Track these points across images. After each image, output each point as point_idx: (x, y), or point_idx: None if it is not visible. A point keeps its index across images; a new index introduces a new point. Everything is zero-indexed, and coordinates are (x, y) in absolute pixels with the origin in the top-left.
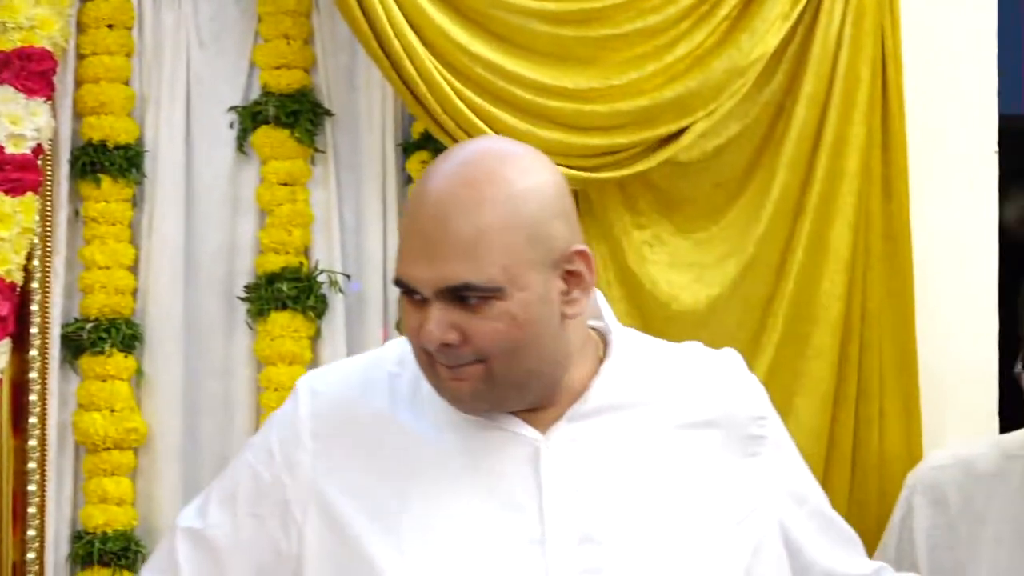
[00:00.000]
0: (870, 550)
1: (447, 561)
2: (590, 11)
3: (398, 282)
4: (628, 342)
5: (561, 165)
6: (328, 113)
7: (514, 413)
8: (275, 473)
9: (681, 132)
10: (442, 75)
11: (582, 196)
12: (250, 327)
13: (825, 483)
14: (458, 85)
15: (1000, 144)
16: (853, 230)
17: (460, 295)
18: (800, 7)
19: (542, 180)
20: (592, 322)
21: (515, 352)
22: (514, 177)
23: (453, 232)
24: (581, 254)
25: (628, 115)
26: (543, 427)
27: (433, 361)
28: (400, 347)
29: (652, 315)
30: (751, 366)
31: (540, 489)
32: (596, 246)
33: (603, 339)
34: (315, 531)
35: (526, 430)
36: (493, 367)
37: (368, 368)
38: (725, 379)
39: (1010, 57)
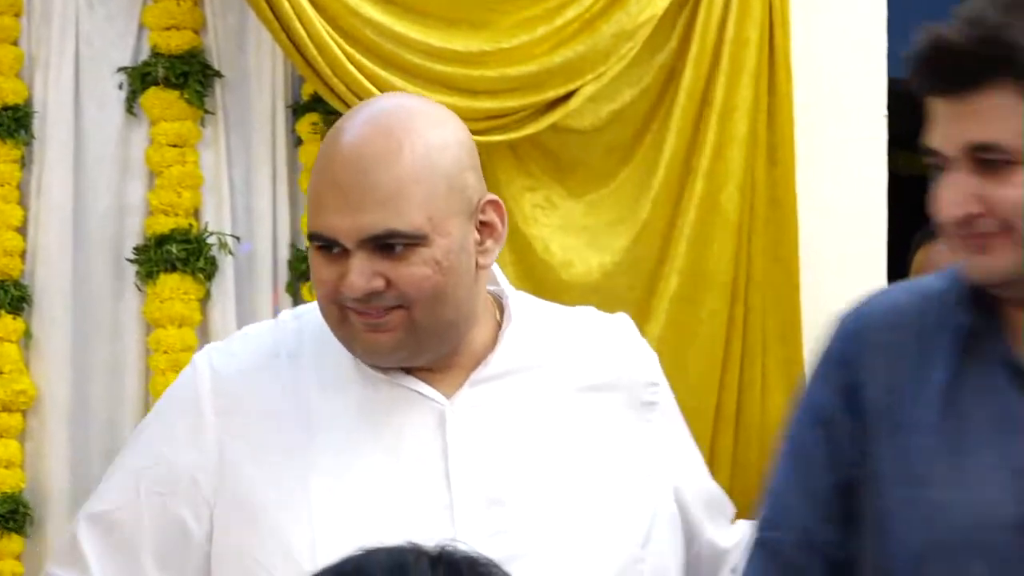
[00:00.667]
0: (751, 511)
1: (356, 528)
2: None
3: (315, 236)
4: (524, 306)
5: None
6: (218, 74)
7: (417, 375)
8: (180, 451)
9: (570, 95)
10: (332, 38)
11: None
12: (139, 289)
13: (712, 445)
14: (348, 48)
15: (890, 108)
16: (741, 194)
17: (385, 243)
18: None
19: (453, 133)
20: (488, 287)
21: (437, 298)
22: (427, 129)
23: (376, 181)
24: (494, 204)
25: (517, 79)
26: (446, 389)
27: (346, 316)
28: (298, 313)
29: (543, 278)
30: (644, 328)
31: (446, 454)
32: None
33: (498, 303)
34: (225, 508)
35: (431, 392)
36: (415, 314)
37: (266, 337)
38: (620, 344)
39: (900, 19)
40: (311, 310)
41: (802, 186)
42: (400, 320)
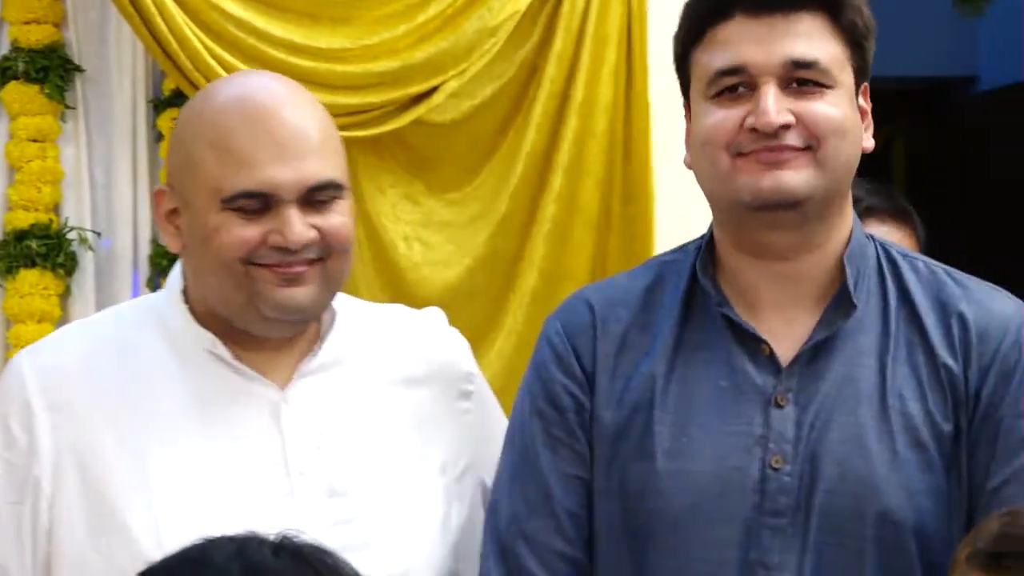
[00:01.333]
0: None
1: (199, 518)
2: None
3: (246, 194)
4: (344, 302)
5: None
6: (79, 69)
7: (249, 362)
8: (21, 453)
9: (432, 91)
10: (193, 32)
11: None
12: None
13: None
14: (209, 43)
15: None
16: (600, 190)
17: (318, 196)
18: None
19: None
20: None
21: (348, 251)
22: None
23: (311, 132)
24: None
25: (380, 75)
26: (277, 379)
27: (252, 276)
28: (119, 311)
29: (403, 274)
30: (502, 323)
31: (284, 445)
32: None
33: None
34: (67, 501)
35: (265, 382)
36: (329, 267)
37: (91, 332)
38: (433, 337)
39: None
40: (134, 306)
41: (659, 182)
42: (317, 273)
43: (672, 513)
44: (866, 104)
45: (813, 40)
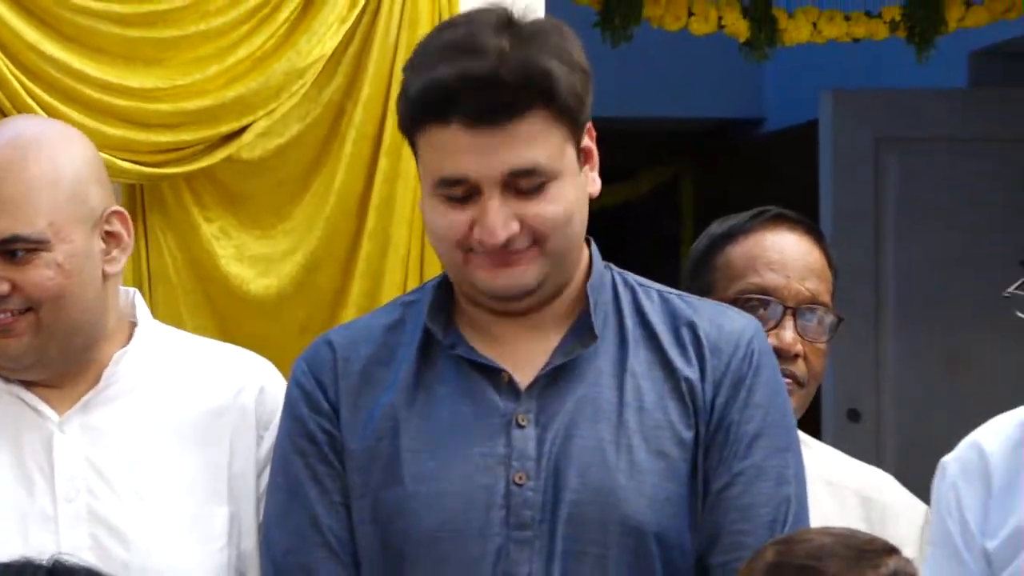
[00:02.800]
0: None
1: None
2: (156, 13)
3: None
4: (154, 335)
5: (127, 161)
6: None
7: (36, 390)
8: None
9: (243, 130)
10: (12, 72)
11: (153, 190)
12: None
13: None
14: (28, 82)
15: None
16: (410, 228)
17: (9, 248)
18: (358, 11)
19: (79, 149)
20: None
21: (61, 300)
22: (53, 143)
23: (5, 186)
24: (118, 214)
25: (192, 114)
26: (61, 406)
27: None
28: None
29: (224, 305)
30: None
31: (53, 471)
32: (168, 238)
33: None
34: None
35: (45, 409)
36: (42, 317)
37: None
38: (247, 379)
39: None
40: None
41: None
42: (28, 324)
43: (425, 532)
44: (590, 144)
45: (534, 143)
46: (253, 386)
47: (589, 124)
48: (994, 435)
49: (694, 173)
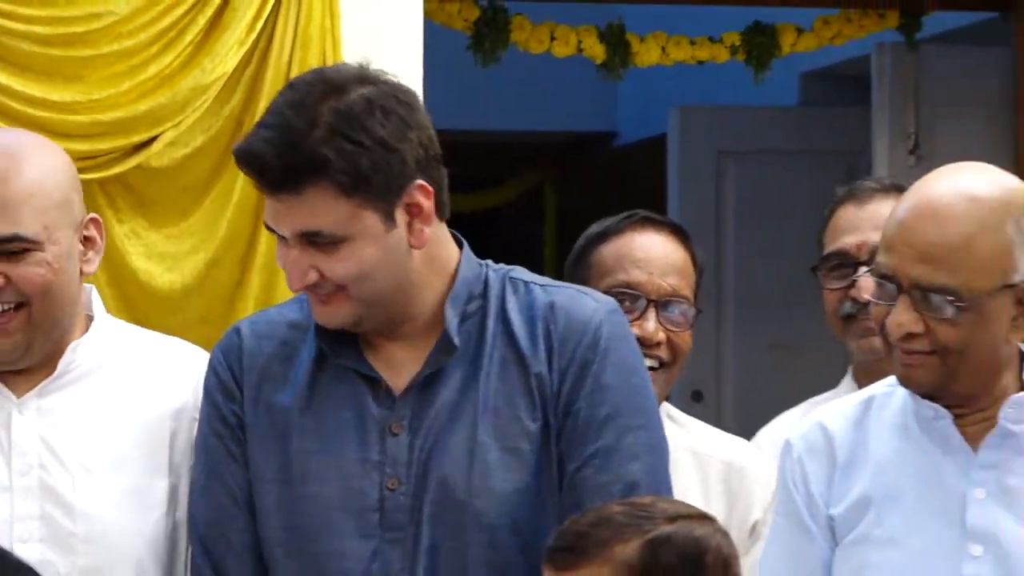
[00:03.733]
0: None
1: None
2: (75, 35)
3: None
4: (108, 327)
5: None
6: None
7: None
8: None
9: (152, 140)
10: None
11: None
12: None
13: None
14: None
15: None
16: None
17: (8, 247)
18: (255, 34)
19: (61, 159)
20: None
21: (49, 295)
22: (39, 154)
23: (6, 192)
24: (94, 221)
25: (107, 125)
26: (20, 390)
27: None
28: None
29: (135, 299)
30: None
31: (11, 448)
32: None
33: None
34: None
35: (5, 391)
36: (33, 312)
37: None
38: (188, 367)
39: (438, 69)
40: None
41: None
42: (21, 321)
43: (310, 531)
44: (422, 199)
45: (316, 211)
46: (192, 373)
47: (420, 182)
48: (836, 415)
49: (556, 181)
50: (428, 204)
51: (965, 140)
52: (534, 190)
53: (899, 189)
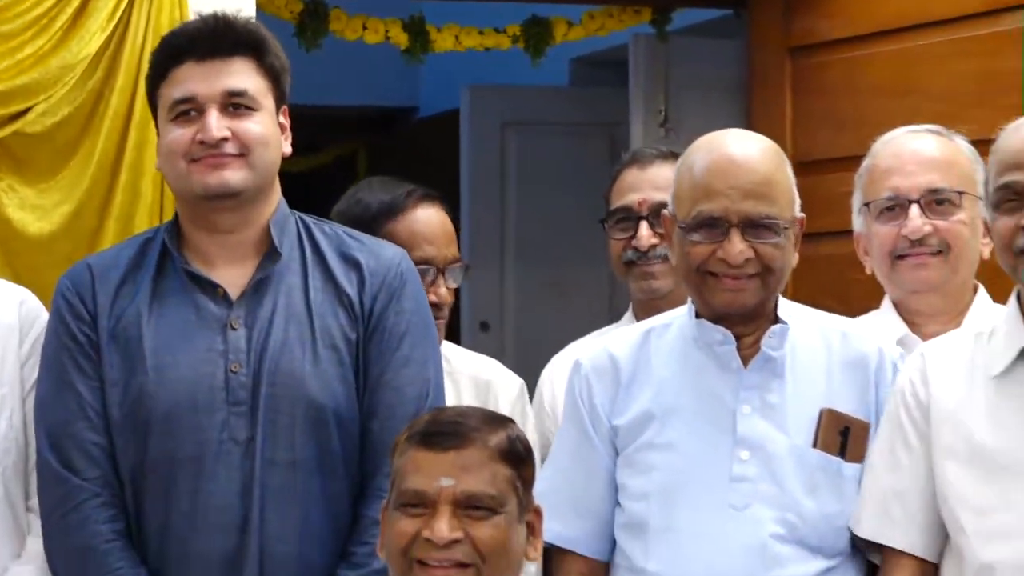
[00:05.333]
0: None
1: None
2: None
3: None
4: None
5: None
6: None
7: None
8: None
9: (27, 111)
10: None
11: None
12: None
13: None
14: None
15: None
16: (154, 183)
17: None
18: (114, 23)
19: None
20: None
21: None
22: None
23: None
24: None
25: None
26: None
27: None
28: None
29: (11, 243)
30: None
31: None
32: None
33: None
34: None
35: None
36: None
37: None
38: (11, 298)
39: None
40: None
41: None
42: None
43: (165, 410)
44: (285, 121)
45: (242, 75)
46: (14, 301)
47: (285, 107)
48: (620, 342)
49: (368, 149)
50: (287, 126)
51: (705, 116)
52: (349, 156)
53: (675, 156)
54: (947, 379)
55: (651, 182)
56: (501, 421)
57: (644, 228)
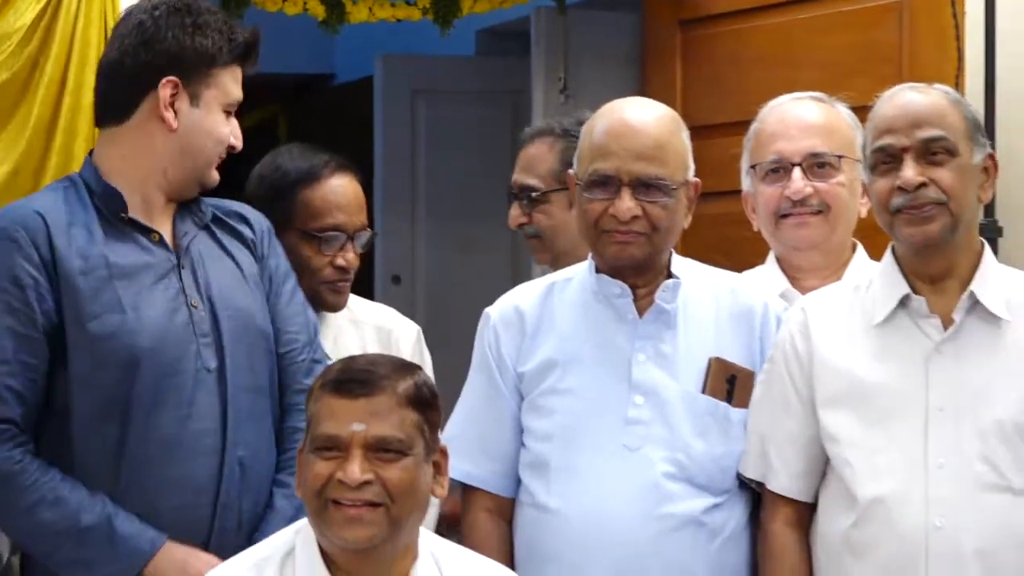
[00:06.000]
0: None
1: None
2: None
3: None
4: None
5: None
6: None
7: None
8: None
9: None
10: None
11: None
12: None
13: None
14: None
15: None
16: (87, 145)
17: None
18: None
19: None
20: None
21: None
22: None
23: None
24: None
25: None
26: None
27: None
28: None
29: None
30: None
31: None
32: None
33: None
34: None
35: None
36: None
37: None
38: None
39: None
40: None
41: None
42: None
43: (142, 346)
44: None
45: None
46: None
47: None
48: (525, 295)
49: (289, 114)
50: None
51: (603, 84)
52: (271, 121)
53: (568, 134)
54: (828, 331)
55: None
56: (409, 368)
57: (514, 208)
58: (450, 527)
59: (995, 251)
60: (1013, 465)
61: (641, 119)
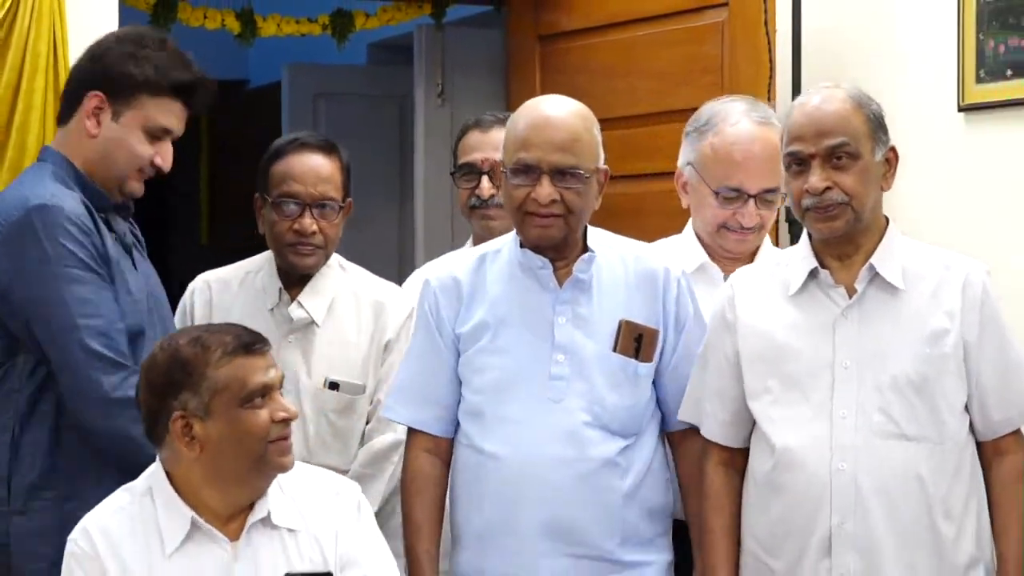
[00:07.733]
0: None
1: None
2: None
3: None
4: None
5: None
6: None
7: None
8: None
9: None
10: None
11: None
12: None
13: None
14: None
15: None
16: (38, 141)
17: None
18: (3, 11)
19: None
20: None
21: None
22: None
23: None
24: None
25: None
26: None
27: None
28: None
29: None
30: None
31: None
32: None
33: None
34: None
35: None
36: None
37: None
38: None
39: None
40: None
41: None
42: None
43: (139, 318)
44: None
45: None
46: None
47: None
48: (460, 264)
49: (208, 120)
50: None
51: (475, 92)
52: (193, 121)
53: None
54: (752, 301)
55: (491, 143)
56: (264, 343)
57: (485, 181)
58: None
59: None
60: (906, 415)
61: (558, 114)
